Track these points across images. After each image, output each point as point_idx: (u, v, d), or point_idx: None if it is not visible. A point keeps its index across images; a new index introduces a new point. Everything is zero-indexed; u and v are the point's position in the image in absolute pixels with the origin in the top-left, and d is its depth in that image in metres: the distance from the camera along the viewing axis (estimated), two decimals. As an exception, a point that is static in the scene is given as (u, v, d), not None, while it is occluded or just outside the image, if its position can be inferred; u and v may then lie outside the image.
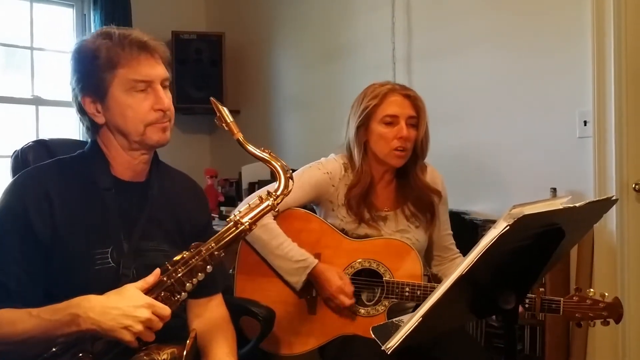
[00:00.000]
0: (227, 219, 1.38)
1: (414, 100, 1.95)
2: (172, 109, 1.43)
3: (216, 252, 1.33)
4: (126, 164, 1.44)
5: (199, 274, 1.32)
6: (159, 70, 1.40)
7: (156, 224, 1.45)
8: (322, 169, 1.99)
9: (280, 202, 1.43)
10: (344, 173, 1.99)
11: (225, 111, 1.41)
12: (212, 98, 1.44)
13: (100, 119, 1.40)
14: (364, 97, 1.98)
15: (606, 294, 1.68)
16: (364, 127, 1.96)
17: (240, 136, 1.41)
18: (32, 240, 1.32)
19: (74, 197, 1.38)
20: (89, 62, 1.38)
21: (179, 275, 1.31)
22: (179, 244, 1.43)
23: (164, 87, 1.42)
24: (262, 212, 1.40)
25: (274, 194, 1.42)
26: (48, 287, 1.34)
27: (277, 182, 1.43)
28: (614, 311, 1.66)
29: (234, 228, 1.36)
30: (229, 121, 1.41)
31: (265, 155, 1.44)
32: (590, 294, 1.68)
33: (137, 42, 1.38)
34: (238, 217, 1.37)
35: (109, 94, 1.37)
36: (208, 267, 1.32)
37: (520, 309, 1.71)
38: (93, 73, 1.37)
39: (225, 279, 1.67)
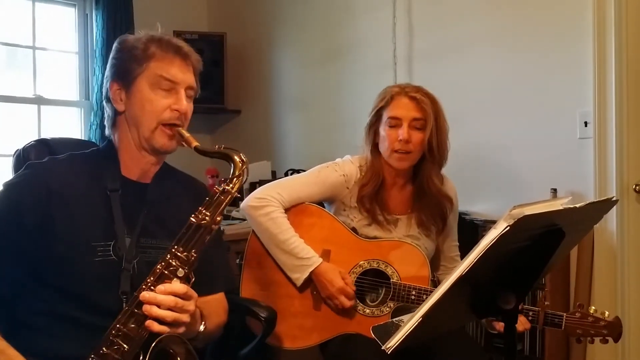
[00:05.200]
0: (192, 216, 1.34)
1: (419, 103, 1.92)
2: (188, 117, 1.47)
3: (185, 253, 1.32)
4: (135, 161, 1.48)
5: (179, 269, 1.31)
6: (187, 77, 1.46)
7: (158, 222, 1.48)
8: (339, 171, 1.99)
9: (237, 187, 1.38)
10: (359, 176, 1.99)
11: (182, 131, 1.44)
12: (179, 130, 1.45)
13: (120, 107, 1.46)
14: (377, 98, 1.99)
15: (607, 313, 1.70)
16: (373, 128, 1.98)
17: (197, 144, 1.42)
18: (16, 230, 1.35)
19: (78, 192, 1.42)
20: (126, 51, 1.45)
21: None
22: None
23: (188, 95, 1.47)
24: (225, 203, 1.36)
25: (228, 181, 1.38)
26: (46, 276, 1.36)
27: (232, 169, 1.39)
28: (614, 330, 1.68)
29: (196, 226, 1.34)
30: (185, 136, 1.43)
31: (221, 150, 1.42)
32: (592, 312, 1.70)
33: (175, 45, 1.46)
34: (201, 215, 1.34)
35: (135, 84, 1.43)
36: (180, 269, 1.31)
37: (528, 325, 1.72)
38: (127, 62, 1.44)
39: (229, 281, 1.68)
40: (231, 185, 1.36)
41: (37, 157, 1.69)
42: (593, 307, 1.71)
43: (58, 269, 1.36)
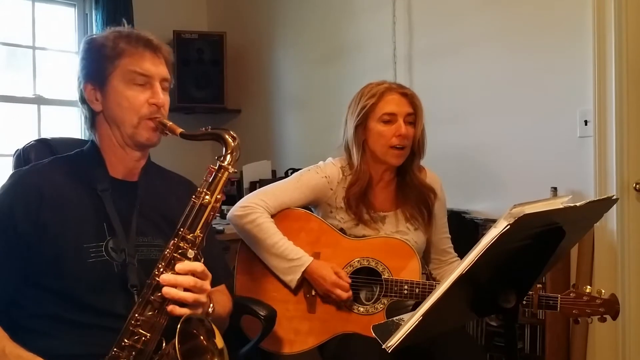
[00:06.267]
0: (193, 197, 1.35)
1: (411, 98, 1.97)
2: (167, 108, 1.46)
3: (192, 234, 1.33)
4: (120, 159, 1.48)
5: (189, 251, 1.32)
6: (160, 69, 1.45)
7: (148, 221, 1.48)
8: (321, 173, 2.01)
9: (232, 162, 1.37)
10: (342, 177, 2.00)
11: (164, 120, 1.43)
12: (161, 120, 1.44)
13: (97, 107, 1.46)
14: (361, 97, 1.99)
15: (603, 291, 1.69)
16: (362, 126, 1.97)
17: (181, 130, 1.41)
18: (13, 238, 1.35)
19: (68, 194, 1.42)
20: (96, 51, 1.45)
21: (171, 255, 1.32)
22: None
23: (163, 88, 1.46)
24: (223, 180, 1.36)
25: (222, 158, 1.37)
26: (42, 280, 1.36)
27: (224, 148, 1.38)
28: (611, 307, 1.66)
29: (199, 206, 1.34)
30: (168, 125, 1.42)
31: (208, 132, 1.41)
32: (587, 291, 1.69)
33: (144, 39, 1.45)
34: (202, 195, 1.34)
35: (109, 82, 1.43)
36: (190, 250, 1.33)
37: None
38: (97, 61, 1.44)
39: (228, 273, 1.70)
40: (226, 162, 1.36)
41: (38, 157, 1.69)
42: (588, 287, 1.70)
43: (53, 272, 1.36)
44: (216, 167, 1.36)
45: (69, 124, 3.56)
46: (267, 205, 1.95)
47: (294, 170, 3.17)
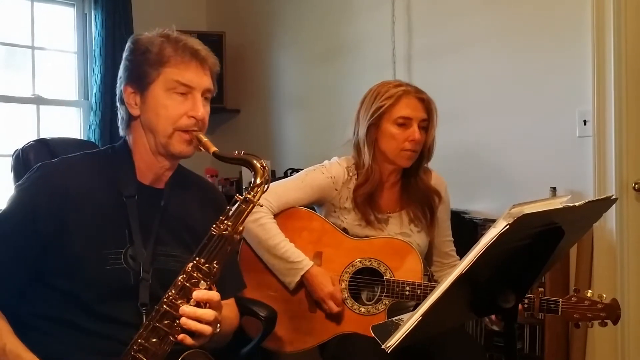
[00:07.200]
0: (213, 227, 1.32)
1: (427, 104, 1.96)
2: (206, 121, 1.43)
3: (207, 265, 1.31)
4: (150, 165, 1.45)
5: (201, 282, 1.30)
6: (204, 80, 1.42)
7: (169, 230, 1.46)
8: (326, 173, 2.00)
9: (259, 195, 1.35)
10: (347, 177, 1.99)
11: (200, 136, 1.41)
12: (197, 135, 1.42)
13: (135, 111, 1.42)
14: (377, 96, 1.96)
15: (604, 295, 1.69)
16: (375, 126, 1.95)
17: (215, 149, 1.39)
18: (30, 234, 1.33)
19: (93, 196, 1.39)
20: (140, 54, 1.41)
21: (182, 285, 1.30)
22: (192, 249, 1.41)
23: (204, 98, 1.43)
24: (247, 212, 1.33)
25: (249, 189, 1.35)
26: (54, 281, 1.35)
27: (254, 176, 1.36)
28: (612, 312, 1.66)
29: (218, 237, 1.32)
30: (203, 141, 1.40)
31: (241, 157, 1.38)
32: (589, 295, 1.69)
33: (191, 48, 1.41)
34: (223, 226, 1.32)
35: (150, 89, 1.39)
36: (202, 281, 1.30)
37: (520, 307, 1.72)
38: (141, 65, 1.40)
39: (239, 285, 1.67)
40: (253, 193, 1.33)
41: (37, 157, 1.69)
42: (590, 291, 1.70)
43: (68, 275, 1.34)
44: (242, 198, 1.32)
45: (68, 124, 3.56)
46: (270, 205, 1.94)
47: (294, 170, 3.18)
